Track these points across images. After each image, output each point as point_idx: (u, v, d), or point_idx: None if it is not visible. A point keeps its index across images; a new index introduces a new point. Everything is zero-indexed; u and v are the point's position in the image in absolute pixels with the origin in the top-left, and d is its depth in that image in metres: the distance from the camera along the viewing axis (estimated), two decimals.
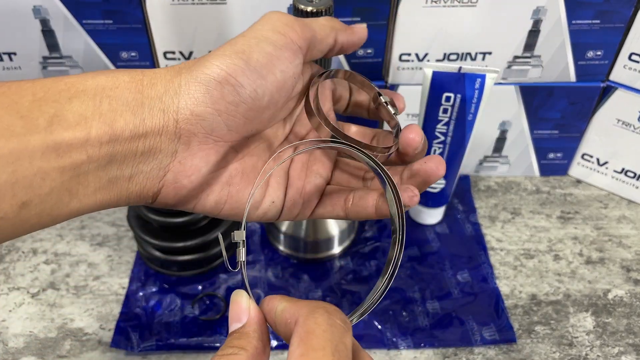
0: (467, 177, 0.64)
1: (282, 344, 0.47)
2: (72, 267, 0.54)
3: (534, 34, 0.52)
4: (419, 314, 0.50)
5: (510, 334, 0.48)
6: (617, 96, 0.56)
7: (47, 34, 0.51)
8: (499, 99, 0.56)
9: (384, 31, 0.52)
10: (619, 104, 0.56)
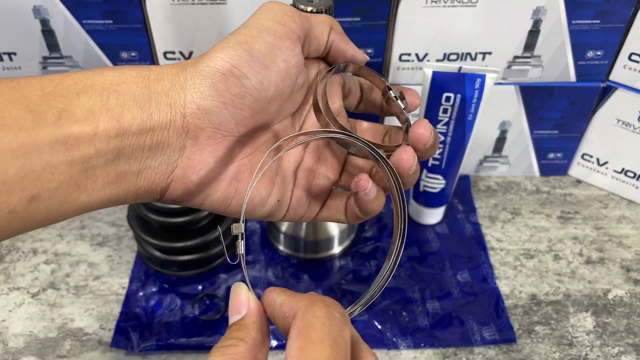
0: (467, 177, 0.64)
1: (282, 344, 0.47)
2: (72, 267, 0.54)
3: (534, 34, 0.52)
4: (419, 314, 0.50)
5: (510, 334, 0.48)
6: (617, 96, 0.56)
7: (47, 34, 0.51)
8: (499, 99, 0.56)
9: (384, 31, 0.52)
10: (619, 104, 0.56)
